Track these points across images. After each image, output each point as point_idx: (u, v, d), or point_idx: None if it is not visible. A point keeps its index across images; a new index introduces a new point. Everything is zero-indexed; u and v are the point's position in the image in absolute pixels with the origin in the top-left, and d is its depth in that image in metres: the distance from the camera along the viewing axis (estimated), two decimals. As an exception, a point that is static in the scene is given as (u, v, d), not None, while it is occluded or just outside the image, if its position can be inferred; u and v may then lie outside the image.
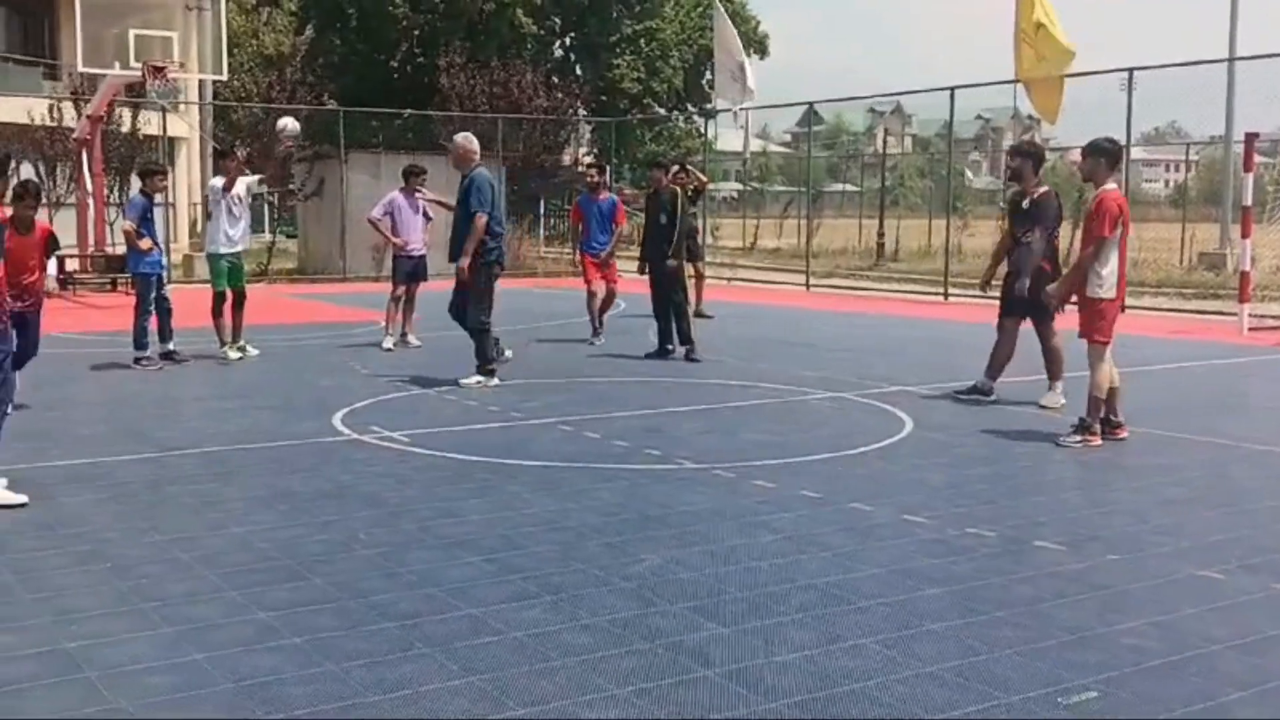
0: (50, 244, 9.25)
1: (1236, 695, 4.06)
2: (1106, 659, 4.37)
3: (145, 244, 11.80)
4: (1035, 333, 9.91)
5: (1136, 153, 24.61)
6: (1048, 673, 4.23)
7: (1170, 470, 7.66)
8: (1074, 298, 8.62)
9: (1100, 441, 8.24)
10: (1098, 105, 21.63)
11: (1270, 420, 9.66)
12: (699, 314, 17.53)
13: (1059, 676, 4.19)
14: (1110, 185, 8.35)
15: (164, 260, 12.73)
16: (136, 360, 11.80)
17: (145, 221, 11.93)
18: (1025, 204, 9.83)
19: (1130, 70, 19.61)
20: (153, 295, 11.96)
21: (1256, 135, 16.75)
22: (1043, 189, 9.88)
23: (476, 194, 10.64)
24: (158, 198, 12.67)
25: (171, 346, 12.17)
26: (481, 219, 10.55)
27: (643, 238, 13.52)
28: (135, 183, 13.15)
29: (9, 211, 8.25)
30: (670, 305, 12.91)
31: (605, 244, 14.49)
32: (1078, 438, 8.23)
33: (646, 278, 13.13)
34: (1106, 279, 8.24)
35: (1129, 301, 19.41)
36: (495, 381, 10.73)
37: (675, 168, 14.71)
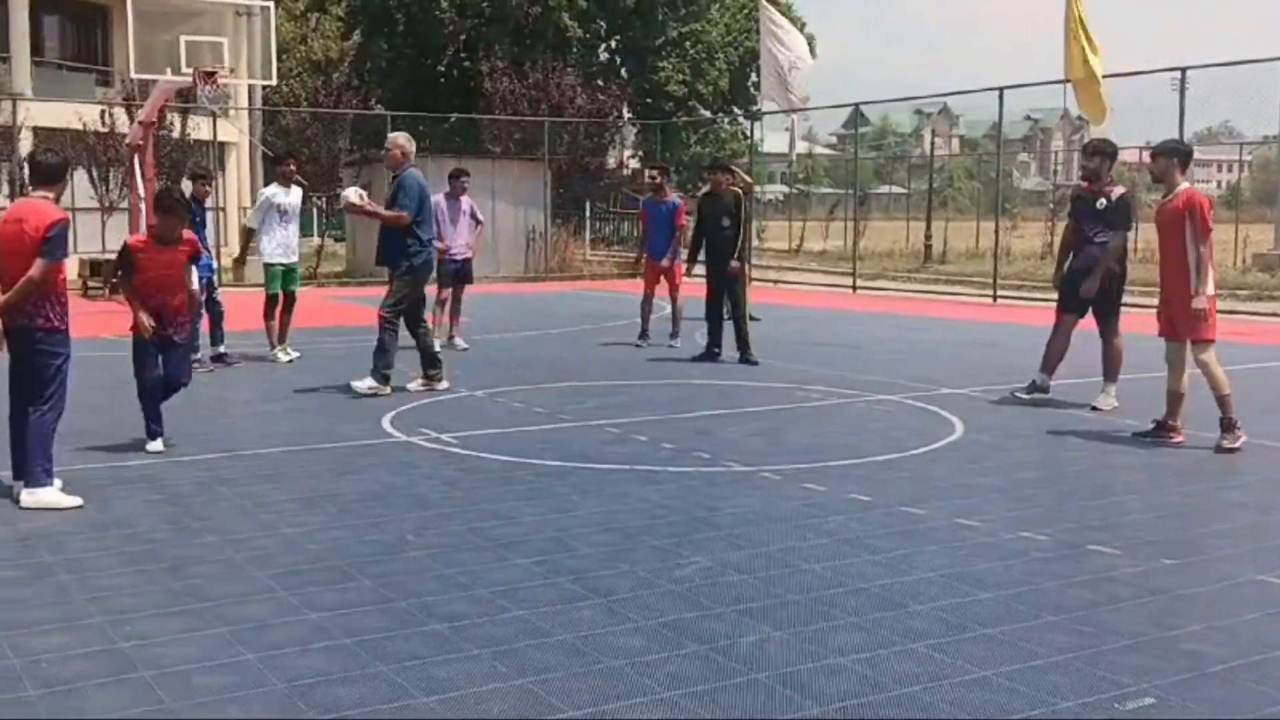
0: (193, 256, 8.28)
1: (1299, 703, 3.99)
2: (1163, 665, 4.30)
3: None
4: (1099, 333, 9.86)
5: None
6: (1103, 678, 4.17)
7: (1228, 474, 7.55)
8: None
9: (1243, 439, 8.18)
10: (1149, 105, 21.40)
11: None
12: (750, 317, 17.50)
13: (1114, 682, 4.13)
14: (1184, 184, 8.33)
15: (213, 264, 12.82)
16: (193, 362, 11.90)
17: (195, 226, 12.04)
18: (1101, 204, 9.72)
19: (1182, 70, 19.35)
20: (203, 298, 12.05)
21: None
22: (1120, 189, 9.85)
23: (404, 194, 10.48)
24: (206, 202, 12.77)
25: (222, 349, 12.27)
26: (405, 218, 10.39)
27: (695, 240, 13.34)
28: (187, 187, 13.29)
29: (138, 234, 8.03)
30: (730, 308, 12.84)
31: (664, 248, 14.42)
32: (1229, 437, 8.14)
33: (704, 280, 13.02)
34: (1208, 277, 8.21)
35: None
36: (388, 390, 10.39)
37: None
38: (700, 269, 13.48)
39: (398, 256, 10.57)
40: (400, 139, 10.88)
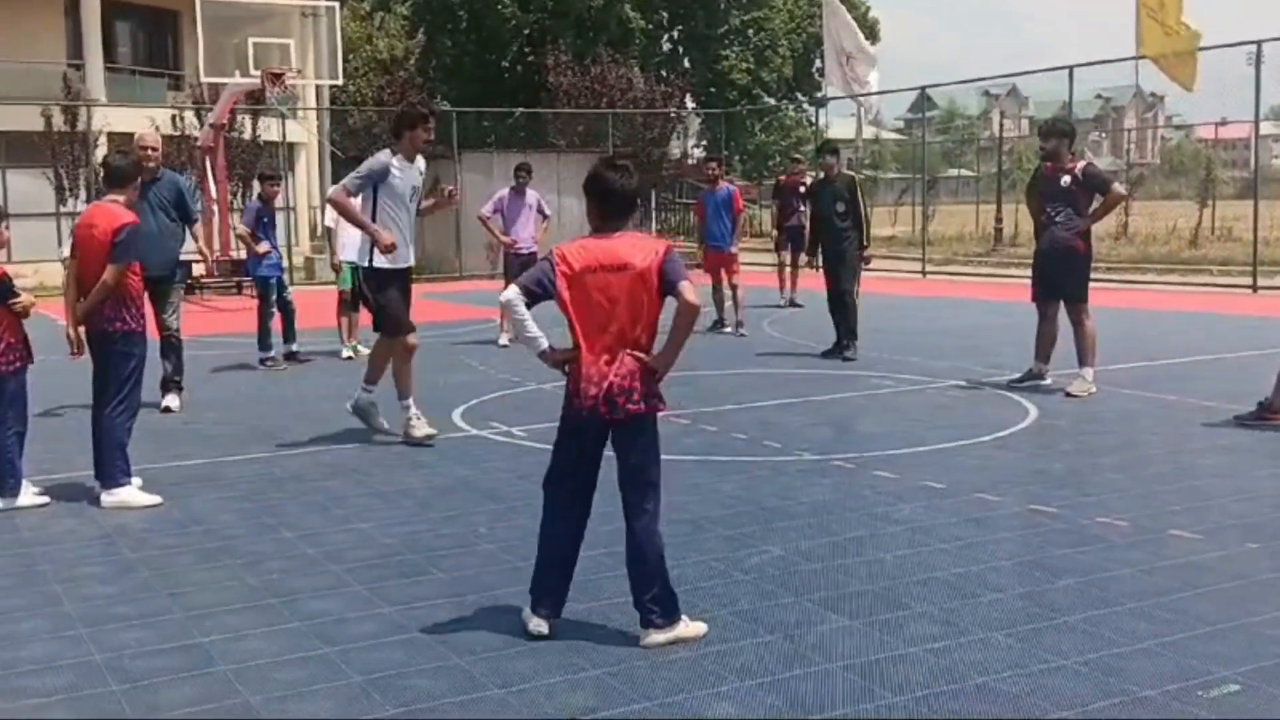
0: None
1: (1390, 689, 3.88)
2: (1248, 651, 4.21)
3: (262, 247, 12.07)
4: (1069, 317, 9.61)
5: (1266, 128, 23.72)
6: (1185, 665, 4.09)
7: (1311, 455, 7.37)
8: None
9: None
10: (1225, 80, 20.94)
11: None
12: (792, 303, 17.42)
13: (1197, 669, 4.05)
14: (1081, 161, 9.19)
15: (282, 263, 12.98)
16: (261, 361, 12.09)
17: (262, 225, 12.21)
18: (1065, 181, 9.47)
19: (1259, 43, 18.92)
20: (274, 297, 12.22)
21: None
22: (1082, 162, 9.75)
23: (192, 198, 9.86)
24: (276, 202, 12.92)
25: (294, 347, 12.43)
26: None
27: (811, 229, 13.02)
28: (257, 188, 13.49)
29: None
30: (839, 298, 12.31)
31: (722, 236, 14.38)
32: None
33: (822, 271, 12.47)
34: None
35: (1262, 282, 18.81)
36: (176, 404, 9.64)
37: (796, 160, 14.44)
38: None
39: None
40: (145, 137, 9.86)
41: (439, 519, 6.25)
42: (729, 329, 14.31)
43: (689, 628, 4.46)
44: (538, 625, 4.50)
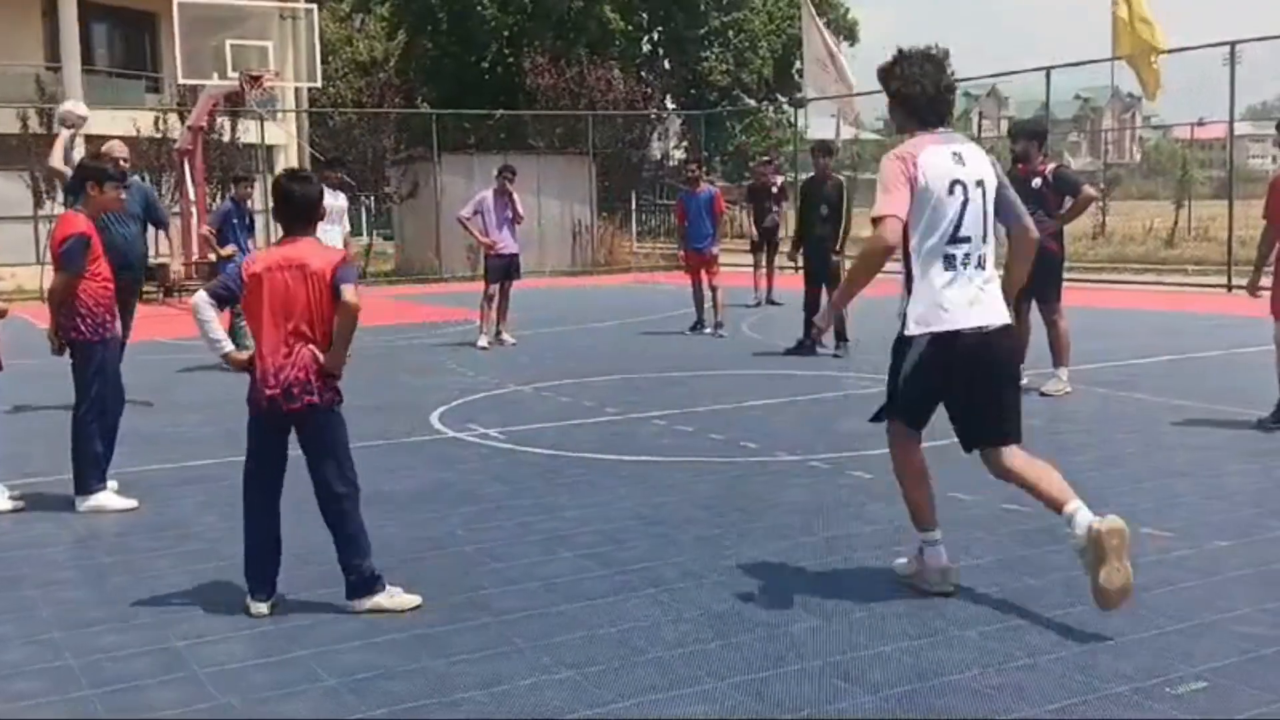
0: None
1: (1355, 684, 3.93)
2: (1216, 648, 4.26)
3: (226, 250, 12.02)
4: (1042, 317, 9.61)
5: (1242, 128, 23.91)
6: (1154, 663, 4.13)
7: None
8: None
9: None
10: (1201, 81, 21.11)
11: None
12: (770, 301, 17.53)
13: (1166, 666, 4.09)
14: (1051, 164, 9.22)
15: None
16: None
17: (231, 227, 12.17)
18: (1036, 183, 9.37)
19: (1232, 44, 19.07)
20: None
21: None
22: (1053, 164, 9.76)
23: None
24: (254, 204, 12.89)
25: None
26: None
27: (797, 227, 13.06)
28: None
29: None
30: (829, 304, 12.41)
31: (704, 238, 14.41)
32: None
33: (801, 270, 12.63)
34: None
35: (1237, 281, 18.92)
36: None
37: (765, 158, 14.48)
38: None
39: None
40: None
41: (417, 521, 6.26)
42: (708, 330, 14.36)
43: (394, 599, 4.84)
44: (258, 609, 4.83)
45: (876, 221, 4.70)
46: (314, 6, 24.63)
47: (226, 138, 25.31)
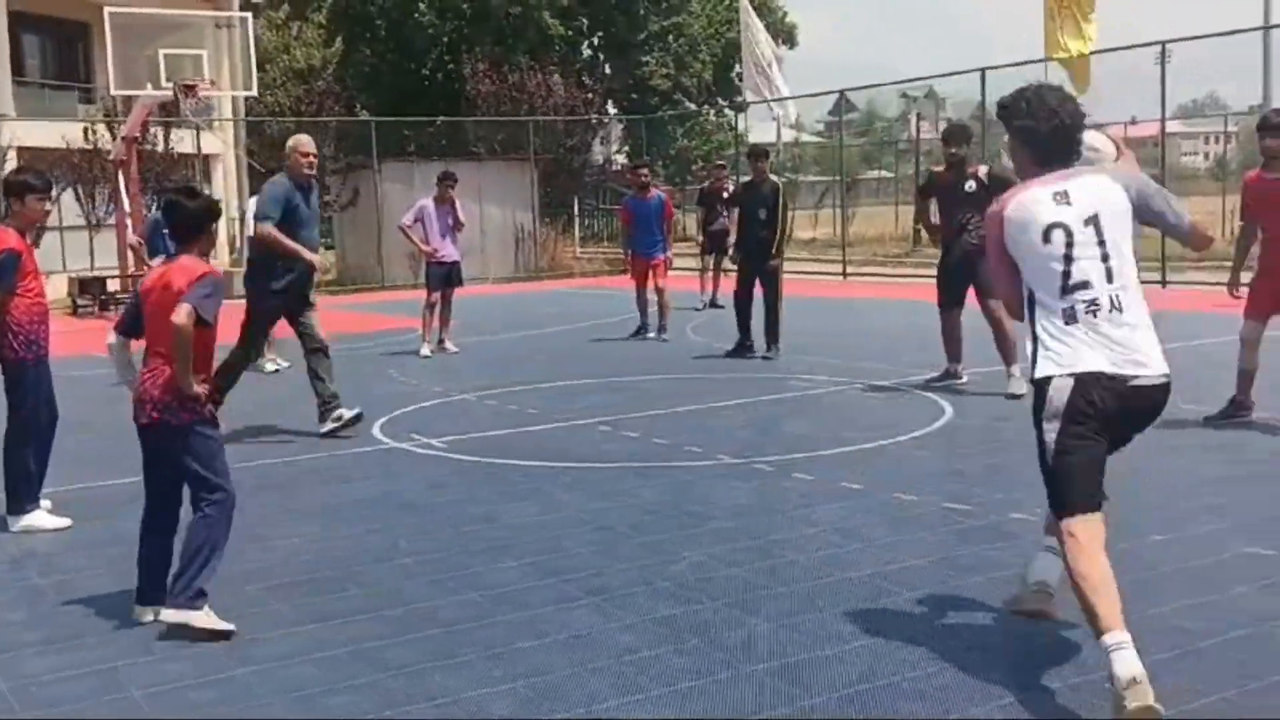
0: None
1: (1289, 674, 4.00)
2: (1153, 641, 4.28)
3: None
4: (985, 317, 9.58)
5: (1174, 126, 24.34)
6: (1091, 657, 4.16)
7: (1219, 448, 7.55)
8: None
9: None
10: (1133, 79, 21.42)
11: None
12: (713, 304, 17.59)
13: (1103, 660, 4.12)
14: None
15: None
16: None
17: (162, 238, 12.00)
18: (970, 186, 9.43)
19: (1163, 43, 19.38)
20: None
21: (1295, 103, 16.46)
22: (984, 167, 9.76)
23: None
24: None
25: None
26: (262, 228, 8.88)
27: (737, 230, 13.08)
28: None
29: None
30: (764, 303, 12.50)
31: (654, 244, 14.39)
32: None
33: (735, 272, 12.67)
34: None
35: (1171, 277, 19.22)
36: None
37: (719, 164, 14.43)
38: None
39: None
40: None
41: (359, 534, 6.21)
42: (652, 334, 14.36)
43: (207, 619, 4.71)
44: (144, 615, 4.89)
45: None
46: (249, 15, 24.40)
47: (161, 148, 24.99)
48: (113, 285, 22.32)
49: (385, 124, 30.45)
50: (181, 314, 4.74)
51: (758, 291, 12.36)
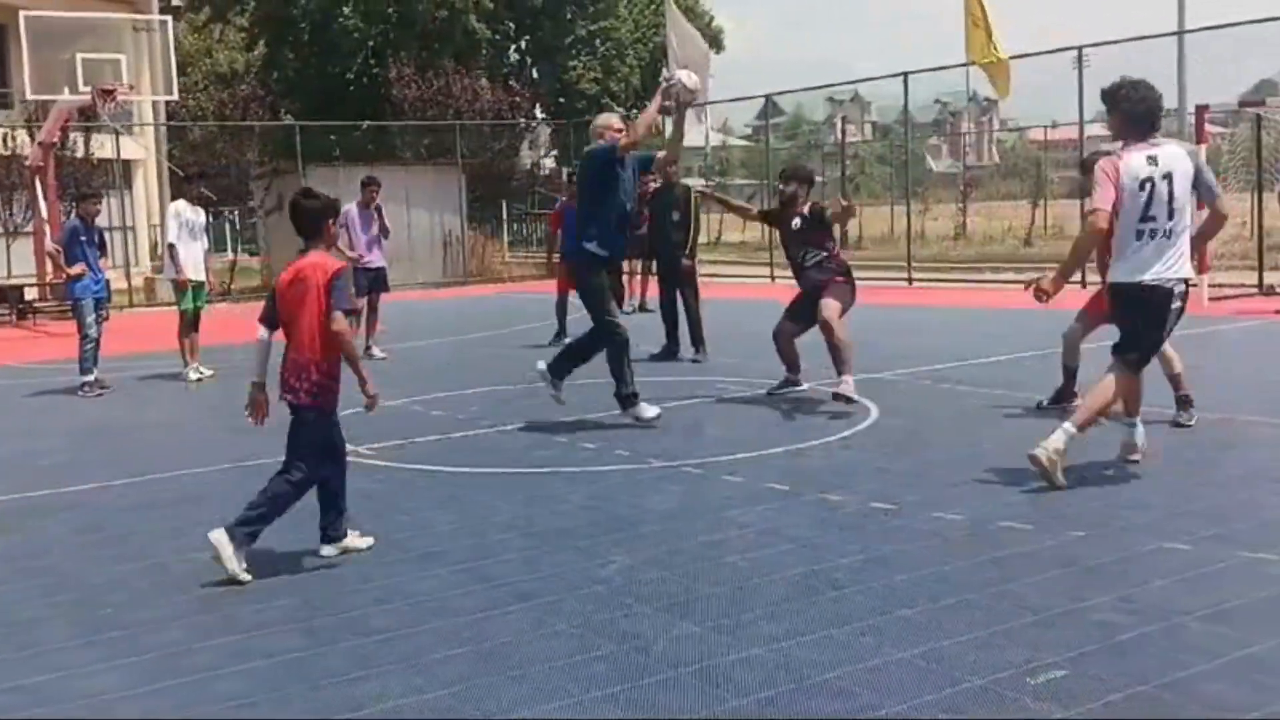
0: None
1: (1204, 665, 4.08)
2: (1074, 636, 4.39)
3: (75, 269, 11.65)
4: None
5: (1093, 129, 24.79)
6: (1014, 653, 4.24)
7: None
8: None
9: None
10: (1051, 84, 21.80)
11: (1230, 389, 9.71)
12: (643, 308, 17.63)
13: (1026, 657, 4.20)
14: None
15: (101, 284, 12.23)
16: (81, 387, 11.65)
17: (80, 245, 11.78)
18: (796, 223, 9.64)
19: (1079, 48, 19.74)
20: (91, 319, 11.77)
21: (1207, 107, 16.87)
22: (808, 204, 9.76)
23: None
24: (111, 220, 12.53)
25: (90, 377, 11.80)
26: None
27: (649, 236, 13.17)
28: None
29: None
30: (684, 306, 12.64)
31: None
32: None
33: (655, 277, 12.80)
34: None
35: (1091, 278, 19.56)
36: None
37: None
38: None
39: None
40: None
41: (285, 544, 6.11)
42: (569, 339, 14.19)
43: (230, 558, 5.39)
44: (324, 550, 5.80)
45: (1091, 213, 6.58)
46: (168, 18, 24.06)
47: (80, 153, 24.56)
48: (31, 293, 21.89)
49: (310, 128, 30.15)
50: (340, 321, 5.46)
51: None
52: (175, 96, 24.13)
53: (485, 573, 5.47)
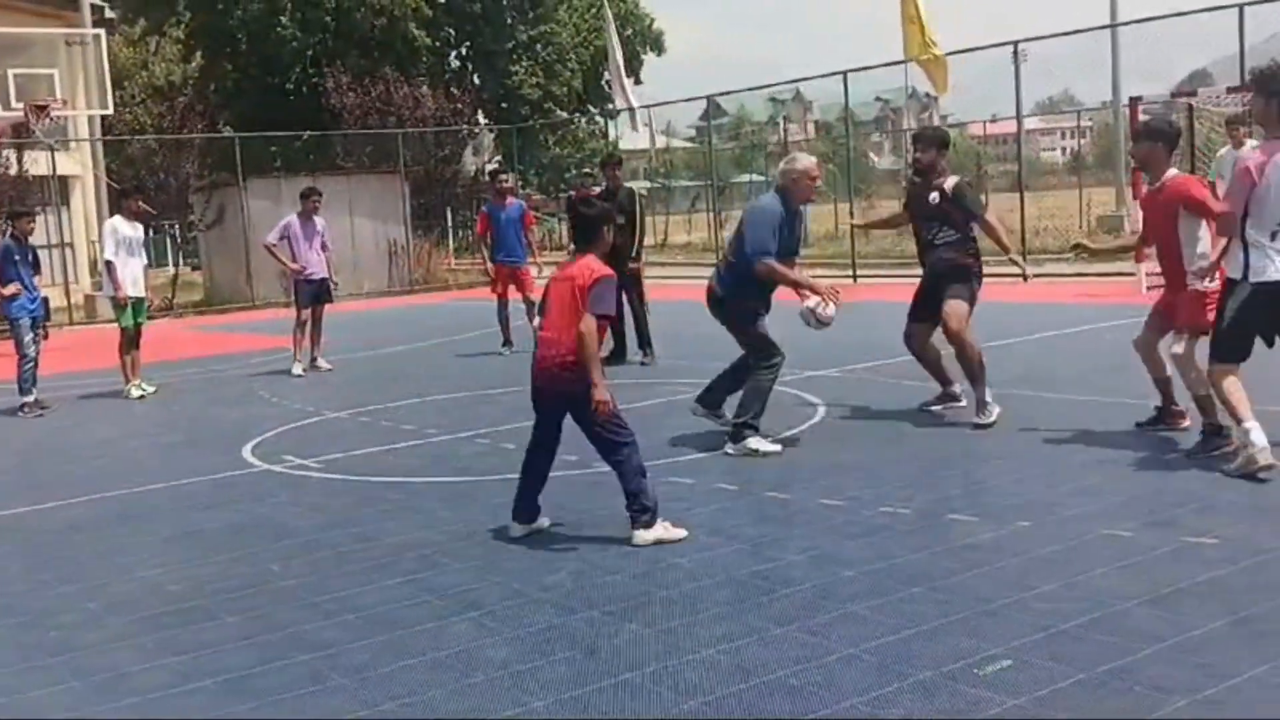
0: None
1: (1148, 650, 4.14)
2: (1020, 626, 4.43)
3: (9, 289, 11.46)
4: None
5: (1031, 123, 25.08)
6: (963, 645, 4.28)
7: (1081, 435, 7.76)
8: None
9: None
10: (990, 79, 22.02)
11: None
12: None
13: (974, 648, 4.24)
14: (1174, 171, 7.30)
15: (37, 303, 12.02)
16: (21, 407, 11.47)
17: (13, 264, 11.60)
18: (933, 198, 8.49)
19: (1015, 43, 19.94)
20: (29, 339, 11.60)
21: (1140, 99, 17.09)
22: (953, 178, 8.59)
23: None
24: (48, 238, 12.33)
25: (30, 398, 11.64)
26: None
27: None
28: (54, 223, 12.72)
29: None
30: (630, 308, 12.65)
31: (516, 252, 14.30)
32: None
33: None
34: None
35: (1031, 270, 19.76)
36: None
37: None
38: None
39: None
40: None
41: (230, 560, 6.07)
42: (515, 348, 14.10)
43: (662, 530, 5.83)
44: (515, 530, 6.14)
45: (1220, 213, 6.60)
46: (101, 31, 23.74)
47: (13, 171, 24.17)
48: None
49: (250, 140, 29.88)
50: (590, 323, 5.71)
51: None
52: (110, 111, 23.83)
53: (434, 583, 5.45)
